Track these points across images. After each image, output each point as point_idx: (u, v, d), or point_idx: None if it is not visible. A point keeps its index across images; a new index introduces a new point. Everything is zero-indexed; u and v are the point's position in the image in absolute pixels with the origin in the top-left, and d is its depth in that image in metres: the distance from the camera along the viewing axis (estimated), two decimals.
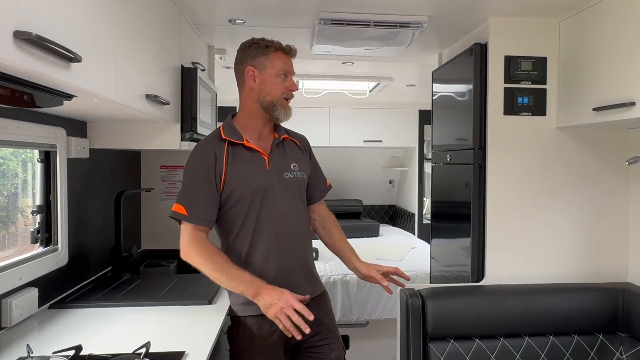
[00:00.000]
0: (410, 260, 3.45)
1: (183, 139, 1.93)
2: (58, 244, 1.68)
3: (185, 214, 1.47)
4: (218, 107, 2.52)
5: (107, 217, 2.10)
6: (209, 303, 1.68)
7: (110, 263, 2.08)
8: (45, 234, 1.66)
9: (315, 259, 1.74)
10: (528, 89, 2.00)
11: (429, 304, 1.83)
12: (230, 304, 1.59)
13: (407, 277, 1.67)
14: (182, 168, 2.55)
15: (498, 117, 2.00)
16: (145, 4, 1.52)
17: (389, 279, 1.68)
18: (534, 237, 2.04)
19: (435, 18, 2.05)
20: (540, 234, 2.04)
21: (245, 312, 1.54)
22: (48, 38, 0.87)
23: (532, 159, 2.02)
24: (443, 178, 2.44)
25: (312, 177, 1.71)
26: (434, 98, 2.52)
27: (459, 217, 2.19)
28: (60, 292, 1.74)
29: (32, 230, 1.61)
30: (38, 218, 1.64)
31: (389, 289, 1.65)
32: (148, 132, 1.90)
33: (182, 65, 1.95)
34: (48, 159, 1.67)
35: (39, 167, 1.65)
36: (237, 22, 2.14)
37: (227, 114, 1.66)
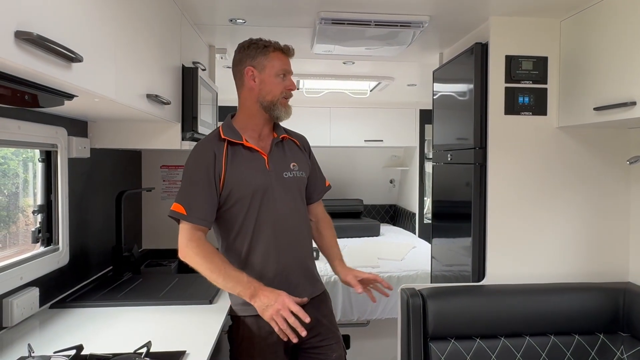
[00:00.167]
0: (411, 260, 3.44)
1: (184, 139, 1.94)
2: (59, 244, 1.68)
3: (184, 214, 1.47)
4: (219, 106, 2.53)
5: (108, 216, 2.10)
6: (210, 303, 1.68)
7: (111, 263, 2.08)
8: (46, 234, 1.66)
9: (316, 259, 1.73)
10: (529, 89, 2.00)
11: (430, 304, 1.83)
12: (231, 304, 1.59)
13: (387, 286, 1.64)
14: (182, 168, 2.55)
15: (499, 116, 2.00)
16: (146, 4, 1.52)
17: (374, 287, 1.66)
18: (535, 236, 2.04)
19: (436, 18, 2.04)
20: (541, 234, 2.04)
21: (245, 312, 1.54)
22: (49, 38, 0.87)
23: (532, 159, 2.02)
24: (444, 177, 2.44)
25: (311, 177, 1.71)
26: (435, 98, 2.52)
27: (460, 216, 2.19)
28: (61, 291, 1.74)
29: (33, 230, 1.61)
30: (39, 218, 1.64)
31: (372, 296, 1.63)
32: (149, 131, 1.90)
33: (182, 65, 1.95)
34: (49, 159, 1.67)
35: (40, 166, 1.65)
36: (237, 21, 2.14)
37: (227, 114, 1.66)
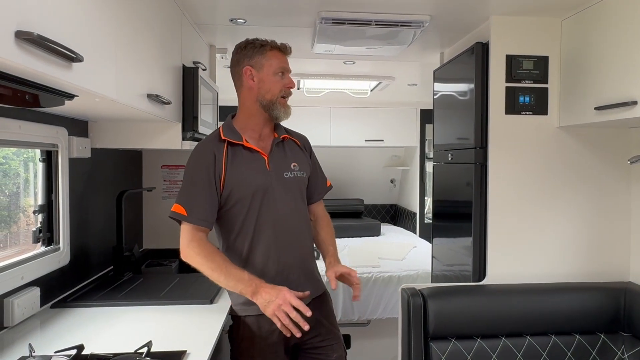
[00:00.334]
0: (412, 260, 3.44)
1: (184, 139, 1.94)
2: (60, 244, 1.68)
3: (185, 215, 1.47)
4: (219, 106, 2.53)
5: (108, 216, 2.10)
6: (211, 302, 1.68)
7: (112, 262, 2.08)
8: (47, 234, 1.66)
9: (317, 259, 1.73)
10: (529, 88, 1.99)
11: (431, 304, 1.83)
12: (231, 304, 1.59)
13: (356, 281, 1.57)
14: (183, 167, 2.55)
15: (499, 116, 2.00)
16: (146, 4, 1.52)
17: (344, 279, 1.58)
18: (536, 236, 2.04)
19: (437, 17, 2.04)
20: (542, 233, 2.04)
21: (246, 312, 1.54)
22: (50, 38, 0.87)
23: (533, 159, 2.02)
24: (444, 177, 2.44)
25: (312, 177, 1.71)
26: (436, 97, 2.52)
27: (461, 216, 2.19)
28: (62, 291, 1.74)
29: (34, 230, 1.61)
30: (40, 217, 1.65)
31: (355, 296, 1.56)
32: (149, 131, 1.91)
33: (183, 65, 1.95)
34: (50, 159, 1.67)
35: (41, 166, 1.65)
36: (238, 21, 2.14)
37: (228, 113, 1.66)
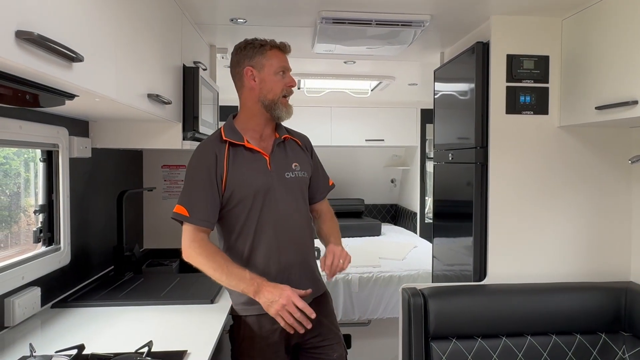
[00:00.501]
0: (412, 260, 3.44)
1: (185, 138, 1.94)
2: (60, 244, 1.68)
3: (187, 215, 1.48)
4: (220, 106, 2.53)
5: (109, 216, 2.10)
6: (211, 302, 1.68)
7: (113, 262, 2.08)
8: (48, 234, 1.66)
9: (317, 259, 1.73)
10: (530, 88, 1.99)
11: (431, 303, 1.83)
12: (232, 304, 1.59)
13: (327, 272, 1.54)
14: (184, 167, 2.56)
15: (500, 115, 2.00)
16: (147, 4, 1.52)
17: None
18: (536, 236, 2.04)
19: (437, 17, 2.04)
20: (543, 233, 2.04)
21: (246, 311, 1.54)
22: (50, 38, 0.87)
23: (534, 158, 2.02)
24: (445, 177, 2.44)
25: (313, 176, 1.71)
26: (436, 97, 2.52)
27: (461, 216, 2.19)
28: (63, 291, 1.74)
29: (34, 230, 1.61)
30: (40, 217, 1.65)
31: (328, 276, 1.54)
32: (150, 131, 1.91)
33: (183, 65, 1.95)
34: (50, 159, 1.67)
35: (42, 166, 1.66)
36: (238, 21, 2.14)
37: (229, 113, 1.66)
